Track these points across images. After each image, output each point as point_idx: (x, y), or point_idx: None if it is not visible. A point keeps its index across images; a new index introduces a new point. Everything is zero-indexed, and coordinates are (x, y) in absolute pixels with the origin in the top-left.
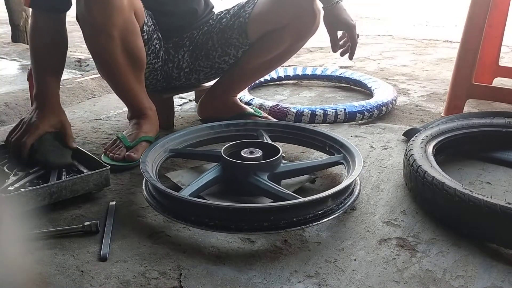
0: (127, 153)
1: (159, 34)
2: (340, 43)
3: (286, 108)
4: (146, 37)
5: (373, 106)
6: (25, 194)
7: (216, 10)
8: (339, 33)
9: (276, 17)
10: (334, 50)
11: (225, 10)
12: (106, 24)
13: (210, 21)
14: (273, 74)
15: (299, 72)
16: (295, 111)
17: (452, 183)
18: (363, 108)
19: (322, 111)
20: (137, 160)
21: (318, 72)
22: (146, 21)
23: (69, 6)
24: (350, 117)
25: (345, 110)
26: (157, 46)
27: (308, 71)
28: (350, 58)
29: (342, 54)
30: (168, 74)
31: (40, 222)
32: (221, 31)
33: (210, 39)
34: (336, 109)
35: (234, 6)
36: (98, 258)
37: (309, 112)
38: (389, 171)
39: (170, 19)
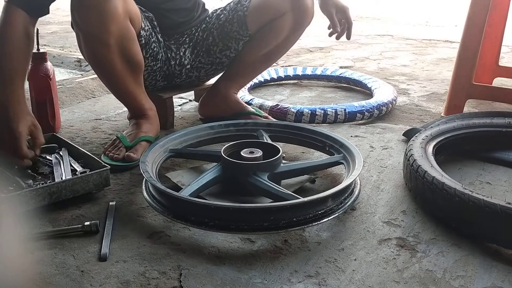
0: (126, 153)
1: (158, 36)
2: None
3: (286, 108)
4: (143, 41)
5: (373, 106)
6: (25, 194)
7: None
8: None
9: (274, 7)
10: (336, 31)
11: (220, 8)
12: (101, 32)
13: (207, 18)
14: (273, 74)
15: (299, 72)
16: (295, 111)
17: (452, 183)
18: (363, 108)
19: (322, 111)
20: (136, 160)
21: (318, 72)
22: (143, 26)
23: (45, 12)
24: (350, 117)
25: (345, 110)
26: (155, 49)
27: (308, 71)
28: (348, 38)
29: (338, 38)
30: (170, 72)
31: (40, 222)
32: (221, 26)
33: (210, 35)
34: (336, 109)
35: (229, 3)
36: (98, 258)
37: (309, 112)
38: (389, 171)
39: (170, 16)
